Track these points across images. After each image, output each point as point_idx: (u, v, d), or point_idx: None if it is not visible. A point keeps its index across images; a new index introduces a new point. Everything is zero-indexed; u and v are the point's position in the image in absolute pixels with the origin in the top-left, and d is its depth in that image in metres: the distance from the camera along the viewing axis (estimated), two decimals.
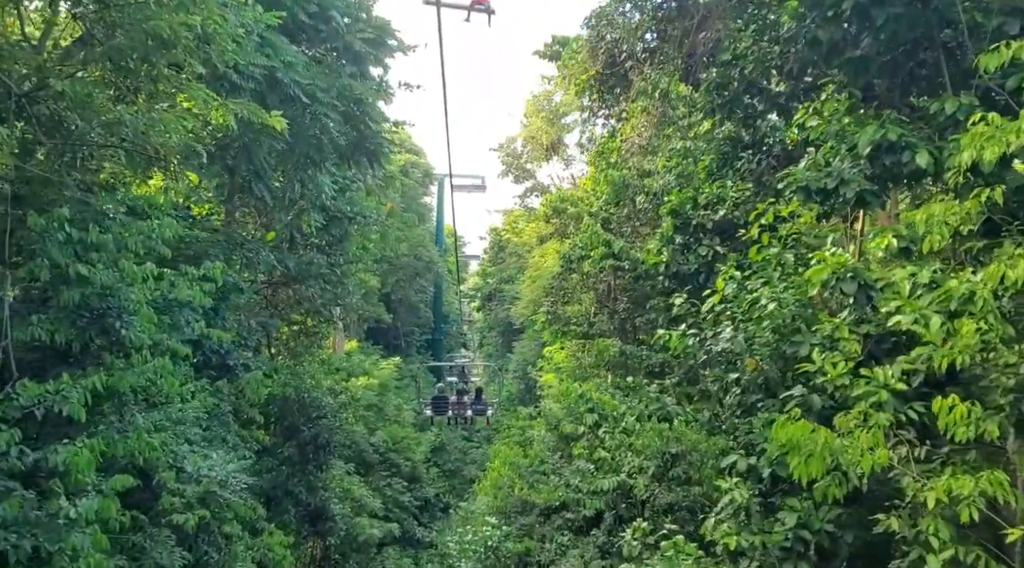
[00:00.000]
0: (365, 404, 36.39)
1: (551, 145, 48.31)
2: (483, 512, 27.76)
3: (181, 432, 14.05)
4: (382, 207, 29.27)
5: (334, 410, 25.51)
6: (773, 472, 9.75)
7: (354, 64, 18.81)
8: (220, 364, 19.45)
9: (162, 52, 11.61)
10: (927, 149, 9.21)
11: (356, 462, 32.91)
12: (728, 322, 11.09)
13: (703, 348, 11.25)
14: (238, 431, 18.12)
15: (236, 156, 16.47)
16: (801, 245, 11.79)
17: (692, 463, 15.37)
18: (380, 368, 42.33)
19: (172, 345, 12.03)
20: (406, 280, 55.10)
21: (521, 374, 50.10)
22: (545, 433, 27.50)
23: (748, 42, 13.71)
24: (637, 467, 16.79)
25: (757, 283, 11.21)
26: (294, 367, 26.58)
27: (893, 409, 8.24)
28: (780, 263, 11.24)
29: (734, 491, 9.85)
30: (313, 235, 23.55)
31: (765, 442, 10.03)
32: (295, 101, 16.51)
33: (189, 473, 13.76)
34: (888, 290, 8.96)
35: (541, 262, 44.07)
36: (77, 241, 10.82)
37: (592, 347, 27.11)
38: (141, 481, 13.40)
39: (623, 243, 21.10)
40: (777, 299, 10.27)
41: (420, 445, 40.24)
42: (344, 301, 28.79)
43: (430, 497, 39.05)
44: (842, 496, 8.11)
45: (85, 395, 9.38)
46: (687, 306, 12.87)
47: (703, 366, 12.55)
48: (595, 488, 17.45)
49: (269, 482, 23.00)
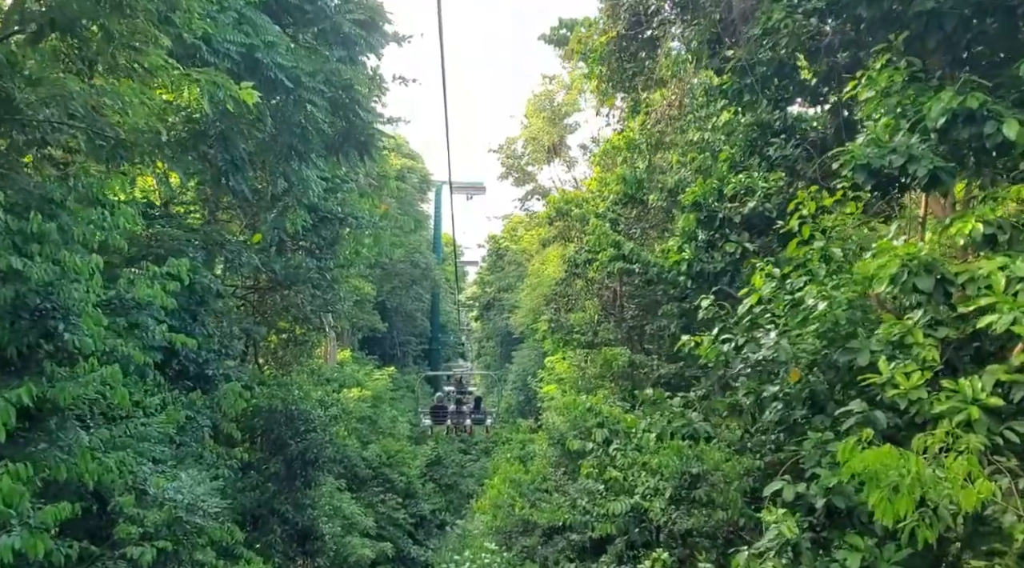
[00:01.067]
0: (358, 416, 35.10)
1: (553, 146, 46.79)
2: (482, 533, 26.48)
3: (144, 450, 12.51)
4: (376, 209, 27.72)
5: (324, 423, 24.13)
6: (828, 502, 8.22)
7: (343, 48, 17.30)
8: (198, 374, 17.98)
9: (118, 17, 10.16)
10: (1016, 119, 7.72)
11: (347, 478, 31.65)
12: (769, 326, 9.55)
13: (739, 356, 9.72)
14: (214, 448, 16.54)
15: (213, 145, 14.95)
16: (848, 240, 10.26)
17: (715, 485, 13.82)
18: (374, 379, 40.98)
19: (129, 351, 10.45)
20: (402, 287, 53.51)
21: (520, 385, 48.91)
22: (547, 448, 26.19)
23: (782, 14, 12.23)
24: (652, 488, 15.26)
25: (800, 281, 9.69)
26: (281, 378, 25.12)
27: (987, 429, 6.74)
28: (826, 258, 9.72)
29: (781, 524, 8.32)
30: (300, 235, 22.04)
31: (816, 466, 8.51)
32: (277, 85, 15.02)
33: (152, 496, 12.22)
34: (971, 285, 7.45)
35: (542, 269, 42.69)
36: (17, 231, 9.33)
37: (597, 357, 25.61)
38: (97, 506, 12.00)
39: (634, 245, 19.59)
40: (828, 298, 8.74)
41: (415, 459, 39.10)
42: (335, 308, 27.26)
43: (426, 514, 37.67)
44: (934, 539, 6.55)
45: (6, 411, 7.78)
46: (714, 309, 11.34)
47: (734, 377, 11.05)
48: (606, 510, 15.89)
49: (253, 500, 21.72)
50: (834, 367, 9.12)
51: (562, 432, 24.02)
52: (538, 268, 44.96)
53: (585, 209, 26.29)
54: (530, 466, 27.69)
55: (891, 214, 12.97)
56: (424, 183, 63.73)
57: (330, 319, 30.92)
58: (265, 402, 22.14)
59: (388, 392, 43.02)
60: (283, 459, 22.54)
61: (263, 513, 22.33)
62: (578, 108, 45.47)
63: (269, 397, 22.36)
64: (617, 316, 25.80)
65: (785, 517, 8.43)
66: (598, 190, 28.02)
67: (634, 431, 17.07)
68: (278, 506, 22.54)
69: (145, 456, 12.47)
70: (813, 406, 9.56)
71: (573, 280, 26.21)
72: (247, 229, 23.61)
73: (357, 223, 25.24)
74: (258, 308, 25.23)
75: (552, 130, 46.59)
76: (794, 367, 9.21)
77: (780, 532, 8.36)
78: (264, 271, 23.01)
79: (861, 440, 6.77)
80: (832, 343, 9.16)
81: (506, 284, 61.48)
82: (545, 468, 26.08)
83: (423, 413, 33.43)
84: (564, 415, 24.22)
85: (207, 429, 17.05)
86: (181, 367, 17.50)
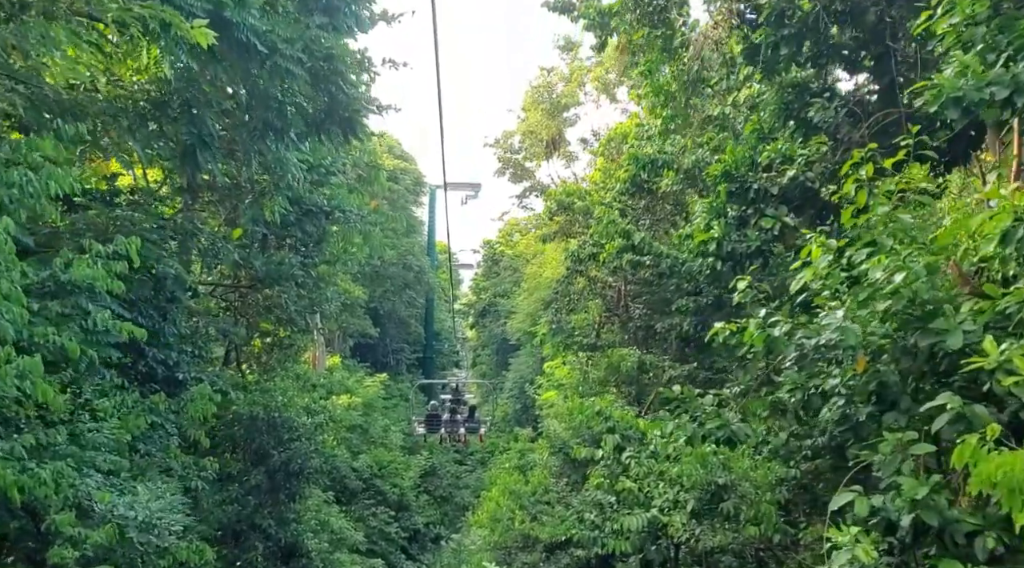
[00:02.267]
0: (348, 425, 33.60)
1: (552, 140, 45.17)
2: (480, 548, 25.02)
3: (91, 459, 10.82)
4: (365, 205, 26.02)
5: (309, 431, 22.55)
6: (917, 519, 6.57)
7: (324, 15, 15.66)
8: (168, 377, 16.36)
9: None
10: None
11: (336, 490, 30.31)
12: (834, 303, 7.90)
13: (792, 343, 8.06)
14: (180, 457, 14.86)
15: (177, 118, 13.33)
16: (917, 205, 8.64)
17: (744, 496, 12.20)
18: (365, 386, 39.43)
19: (61, 341, 8.77)
20: (394, 291, 51.69)
21: (518, 393, 47.61)
22: (548, 456, 24.78)
23: None
24: (671, 501, 13.63)
25: (861, 253, 8.06)
26: (264, 383, 23.45)
27: None
28: (891, 225, 8.10)
29: (856, 547, 6.68)
30: (283, 229, 20.35)
31: (897, 474, 6.87)
32: (250, 51, 13.37)
33: (99, 513, 10.53)
34: None
35: (539, 272, 41.22)
36: None
37: (601, 360, 24.04)
38: (33, 525, 10.33)
39: (645, 235, 17.96)
40: (905, 269, 7.12)
41: (409, 470, 37.90)
42: (321, 309, 25.57)
43: (420, 527, 36.52)
44: None
45: None
46: (752, 292, 9.69)
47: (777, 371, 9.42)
48: (619, 525, 14.24)
49: (233, 515, 20.33)
50: (910, 353, 7.47)
51: (564, 440, 22.60)
52: (536, 271, 43.56)
53: (589, 201, 24.70)
54: (530, 476, 26.28)
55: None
56: (418, 186, 62.04)
57: (317, 321, 29.25)
58: (246, 409, 20.64)
59: (380, 400, 41.75)
60: (265, 470, 21.23)
61: (243, 528, 21.05)
62: (578, 101, 43.91)
63: (250, 403, 20.85)
64: (622, 316, 24.22)
65: (860, 537, 6.79)
66: (602, 182, 26.48)
67: (648, 437, 15.48)
68: (260, 521, 21.26)
69: (92, 467, 10.77)
70: (879, 401, 7.92)
71: (575, 278, 24.58)
72: (227, 224, 21.96)
73: (345, 218, 23.55)
74: (240, 309, 23.57)
75: (551, 123, 44.95)
76: (861, 354, 7.57)
77: (854, 556, 6.71)
78: (244, 267, 21.35)
79: (986, 439, 5.14)
80: (906, 324, 7.53)
81: (502, 290, 60.07)
82: (546, 478, 24.78)
83: (417, 421, 32.08)
84: (566, 422, 22.77)
85: (175, 437, 15.35)
86: (149, 369, 15.89)
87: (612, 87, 40.12)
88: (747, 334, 8.26)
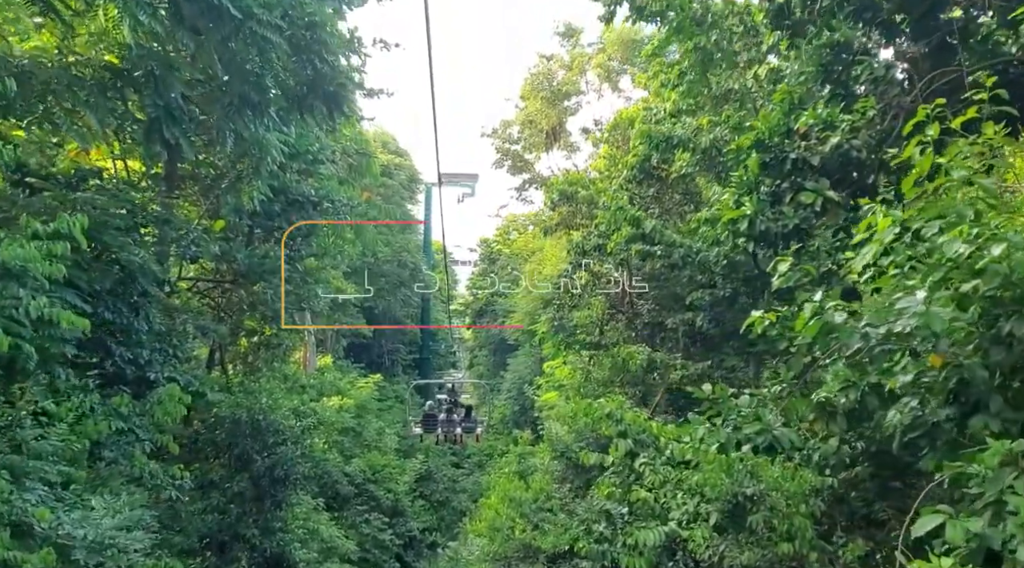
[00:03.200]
0: (340, 428, 32.28)
1: (552, 130, 43.67)
2: (478, 559, 23.72)
3: (34, 470, 9.45)
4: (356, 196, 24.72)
5: (296, 435, 21.18)
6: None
7: None
8: (139, 378, 15.00)
9: None
10: None
11: (327, 496, 29.00)
12: (913, 281, 6.53)
13: (859, 331, 6.68)
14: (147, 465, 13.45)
15: (141, 88, 11.96)
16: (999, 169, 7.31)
17: (775, 508, 10.88)
18: (358, 387, 38.08)
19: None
20: (389, 290, 50.25)
21: (516, 394, 46.38)
22: (550, 461, 23.51)
23: None
24: (692, 513, 12.29)
25: (932, 226, 6.73)
26: (247, 384, 22.11)
27: None
28: (970, 192, 6.79)
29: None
30: (260, 214, 18.99)
31: (1009, 492, 5.53)
32: (221, 15, 12.03)
33: (42, 533, 9.16)
34: None
35: (539, 269, 39.94)
36: None
37: (605, 359, 22.71)
38: None
39: (656, 223, 16.60)
40: (1002, 240, 5.80)
41: (404, 474, 36.67)
42: (308, 306, 24.21)
43: (415, 533, 35.15)
44: None
45: None
46: (796, 274, 8.34)
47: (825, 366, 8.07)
48: (633, 540, 12.88)
49: (214, 524, 18.96)
50: (1003, 343, 6.15)
51: (567, 444, 21.36)
52: (535, 268, 42.31)
53: (593, 190, 23.35)
54: (531, 482, 25.00)
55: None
56: (413, 182, 60.57)
57: (307, 318, 27.89)
58: (228, 412, 19.29)
59: (374, 402, 40.41)
60: (249, 476, 19.91)
61: (226, 539, 19.74)
62: (579, 89, 42.38)
63: (233, 406, 19.53)
64: (628, 312, 22.89)
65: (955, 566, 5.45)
66: (606, 170, 25.15)
67: (663, 442, 14.17)
68: (244, 530, 19.93)
69: (34, 478, 9.40)
70: (959, 402, 6.59)
71: (578, 272, 23.27)
72: (209, 216, 20.59)
73: (334, 208, 22.24)
74: (223, 306, 22.21)
75: (551, 112, 43.45)
76: (945, 344, 6.23)
77: None
78: (226, 261, 20.02)
79: None
80: (997, 309, 6.20)
81: (499, 289, 58.80)
82: (548, 484, 23.40)
83: (413, 421, 30.95)
84: (569, 424, 21.53)
85: (147, 443, 13.99)
86: (117, 369, 14.53)
87: (615, 75, 38.78)
88: (799, 321, 6.88)
